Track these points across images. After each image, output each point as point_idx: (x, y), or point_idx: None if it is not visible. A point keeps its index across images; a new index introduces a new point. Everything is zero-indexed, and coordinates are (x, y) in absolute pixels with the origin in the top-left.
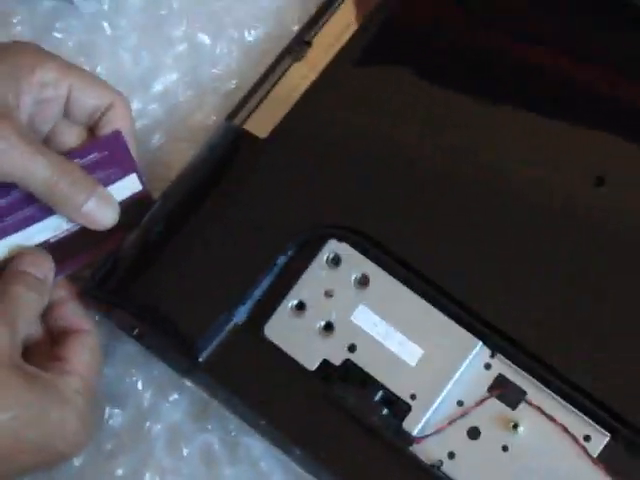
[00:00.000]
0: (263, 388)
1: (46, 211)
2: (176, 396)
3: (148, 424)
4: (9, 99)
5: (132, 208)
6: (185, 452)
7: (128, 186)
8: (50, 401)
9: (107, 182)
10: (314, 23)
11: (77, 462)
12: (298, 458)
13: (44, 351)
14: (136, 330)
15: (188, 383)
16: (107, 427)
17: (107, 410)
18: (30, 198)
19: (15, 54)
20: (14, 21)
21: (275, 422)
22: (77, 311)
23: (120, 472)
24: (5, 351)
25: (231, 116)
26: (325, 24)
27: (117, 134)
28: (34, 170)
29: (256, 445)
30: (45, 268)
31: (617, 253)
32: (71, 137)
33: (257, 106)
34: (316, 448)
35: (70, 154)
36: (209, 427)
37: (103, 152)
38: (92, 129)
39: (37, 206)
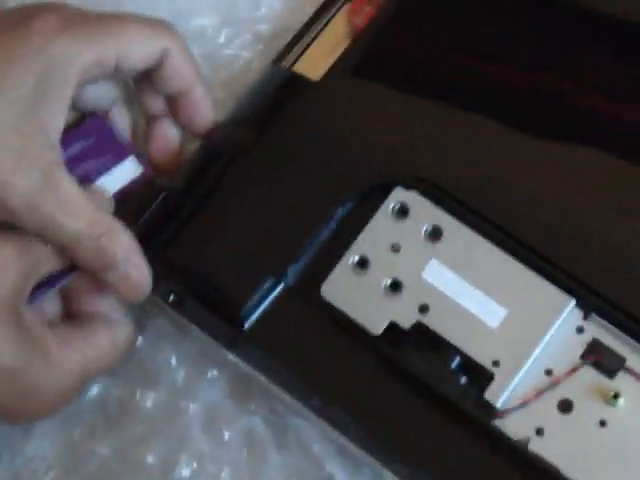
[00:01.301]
0: (318, 358)
1: None
2: (215, 373)
3: (183, 404)
4: (45, 112)
5: (135, 193)
6: (226, 436)
7: (126, 171)
8: (30, 363)
9: (100, 171)
10: None
11: (102, 450)
12: (359, 440)
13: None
14: (173, 296)
15: (230, 357)
16: (136, 410)
17: (137, 392)
18: None
19: (42, 50)
20: None
21: (332, 397)
22: (108, 298)
23: (150, 459)
24: (8, 289)
25: (278, 59)
26: None
27: (98, 119)
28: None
29: (307, 427)
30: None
31: None
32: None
33: (307, 48)
34: (382, 426)
35: None
36: (253, 407)
37: (88, 140)
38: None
39: None
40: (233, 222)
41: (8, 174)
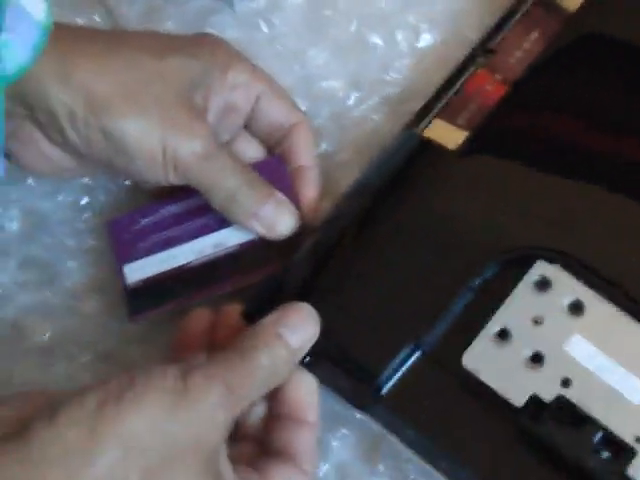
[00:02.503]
0: (455, 425)
1: (204, 228)
2: (344, 431)
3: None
4: (199, 100)
5: (287, 238)
6: None
7: None
8: None
9: None
10: (498, 30)
11: None
12: None
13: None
14: (308, 358)
15: (359, 416)
16: None
17: None
18: (203, 209)
19: (211, 51)
20: (164, 17)
21: (465, 463)
22: (306, 393)
23: None
24: (213, 442)
25: (411, 124)
26: (509, 31)
27: (279, 159)
28: (222, 180)
29: None
30: (306, 334)
31: None
32: (248, 151)
33: (440, 115)
34: None
35: None
36: (381, 468)
37: (263, 175)
38: (270, 149)
39: (202, 220)
40: (371, 286)
41: (183, 138)
